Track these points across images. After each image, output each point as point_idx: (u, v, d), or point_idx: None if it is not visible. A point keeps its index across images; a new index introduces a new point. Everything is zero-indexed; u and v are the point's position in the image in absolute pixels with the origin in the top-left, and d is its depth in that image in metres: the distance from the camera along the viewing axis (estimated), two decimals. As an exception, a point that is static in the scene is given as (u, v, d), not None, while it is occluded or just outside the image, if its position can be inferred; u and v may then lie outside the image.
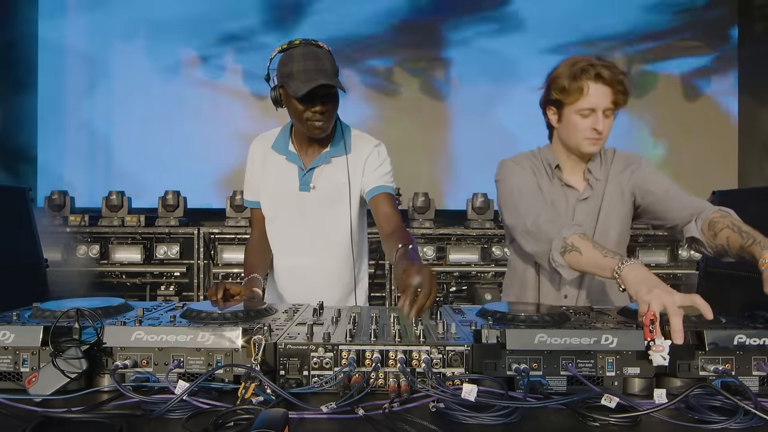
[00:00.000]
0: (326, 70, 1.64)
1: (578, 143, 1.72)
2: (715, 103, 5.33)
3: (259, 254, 1.94)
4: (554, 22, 5.27)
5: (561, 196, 1.80)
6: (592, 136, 1.69)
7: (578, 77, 1.66)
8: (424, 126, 5.30)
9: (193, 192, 4.84)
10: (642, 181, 1.76)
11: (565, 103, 1.70)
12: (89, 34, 5.24)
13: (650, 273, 1.25)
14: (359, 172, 1.85)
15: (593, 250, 1.42)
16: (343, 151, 1.84)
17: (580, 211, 1.78)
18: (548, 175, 1.82)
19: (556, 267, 1.53)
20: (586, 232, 1.52)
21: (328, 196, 1.85)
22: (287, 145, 1.87)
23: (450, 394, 0.96)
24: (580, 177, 1.81)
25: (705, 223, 1.56)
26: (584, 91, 1.66)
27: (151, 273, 4.51)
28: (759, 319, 1.23)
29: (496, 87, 5.29)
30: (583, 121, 1.68)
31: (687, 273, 4.44)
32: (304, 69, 1.62)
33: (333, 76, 1.66)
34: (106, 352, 1.10)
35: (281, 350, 1.07)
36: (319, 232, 1.87)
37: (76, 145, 5.24)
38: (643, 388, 1.10)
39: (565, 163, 1.81)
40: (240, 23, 5.24)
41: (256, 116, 5.17)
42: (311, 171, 1.84)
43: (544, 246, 1.57)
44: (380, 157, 1.87)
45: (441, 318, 1.27)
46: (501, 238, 4.65)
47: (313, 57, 1.64)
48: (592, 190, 1.79)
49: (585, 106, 1.67)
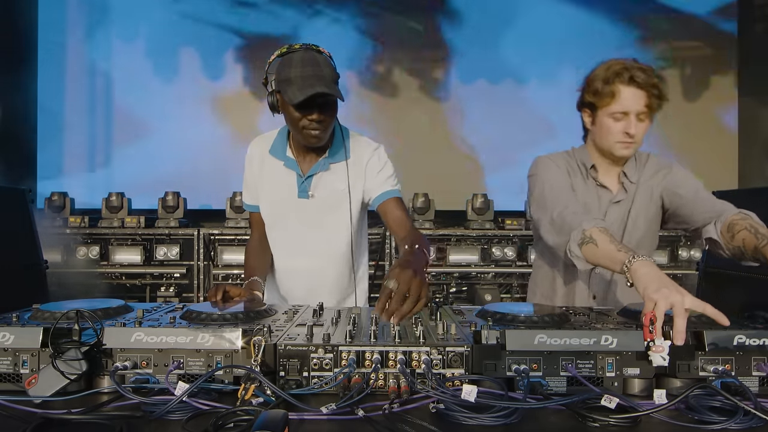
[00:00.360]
0: (325, 76, 1.60)
1: (611, 146, 1.72)
2: (715, 103, 5.33)
3: (259, 256, 1.94)
4: (555, 22, 5.27)
5: (594, 196, 1.79)
6: (625, 140, 1.68)
7: (612, 80, 1.65)
8: (423, 126, 5.30)
9: (193, 193, 4.84)
10: (672, 185, 1.76)
11: (598, 106, 1.70)
12: (89, 33, 5.24)
13: (661, 272, 1.24)
14: (360, 177, 1.83)
15: (609, 244, 1.41)
16: (343, 157, 1.81)
17: (611, 213, 1.79)
18: (582, 175, 1.81)
19: (572, 258, 1.52)
20: (607, 226, 1.50)
21: (328, 204, 1.83)
22: (285, 150, 1.84)
23: (450, 395, 0.96)
24: (614, 179, 1.81)
25: (724, 225, 1.55)
26: (617, 94, 1.65)
27: (151, 274, 4.51)
28: (759, 320, 1.23)
29: (497, 87, 5.29)
30: (616, 124, 1.68)
31: (687, 273, 4.44)
32: (301, 75, 1.58)
33: (332, 84, 1.62)
34: (105, 353, 1.09)
35: (281, 351, 1.07)
36: (318, 238, 1.86)
37: (76, 146, 5.23)
38: (643, 388, 1.10)
39: (600, 164, 1.81)
40: (241, 20, 5.24)
41: (256, 117, 5.17)
42: (310, 178, 1.81)
43: (564, 238, 1.55)
44: (381, 160, 1.84)
45: (441, 319, 1.27)
46: (501, 239, 4.66)
47: (312, 63, 1.60)
48: (626, 193, 1.79)
49: (618, 109, 1.66)
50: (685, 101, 5.33)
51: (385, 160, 1.85)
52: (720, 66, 5.32)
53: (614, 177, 1.82)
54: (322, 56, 1.64)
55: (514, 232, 4.57)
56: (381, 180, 1.83)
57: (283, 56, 1.64)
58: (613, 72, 1.66)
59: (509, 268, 4.57)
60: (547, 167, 1.79)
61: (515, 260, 4.55)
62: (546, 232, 1.66)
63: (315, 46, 1.66)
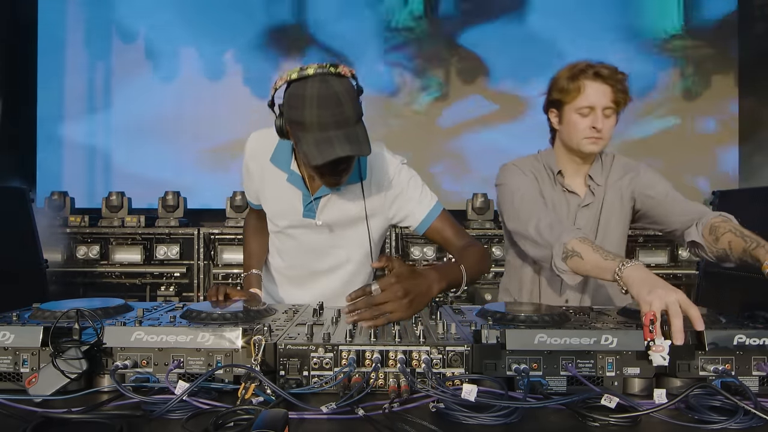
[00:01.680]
0: (348, 119, 1.32)
1: (578, 143, 1.72)
2: (715, 103, 5.33)
3: (258, 238, 1.87)
4: (556, 22, 5.27)
5: (563, 201, 1.80)
6: (592, 135, 1.69)
7: (577, 77, 1.67)
8: (423, 126, 5.30)
9: (193, 192, 4.84)
10: (641, 186, 1.76)
11: (564, 102, 1.71)
12: (88, 34, 5.24)
13: (651, 273, 1.25)
14: (381, 201, 1.61)
15: (594, 254, 1.42)
16: (357, 178, 1.55)
17: (581, 217, 1.79)
18: (550, 179, 1.82)
19: (559, 274, 1.53)
20: (585, 235, 1.51)
21: (338, 228, 1.64)
22: (289, 161, 1.59)
23: (450, 395, 0.96)
24: (581, 182, 1.81)
25: (706, 227, 1.56)
26: (582, 89, 1.67)
27: (151, 273, 4.51)
28: (759, 319, 1.23)
29: (497, 87, 5.29)
30: (583, 120, 1.69)
31: (687, 273, 4.44)
32: (318, 122, 1.30)
33: (354, 127, 1.34)
34: (106, 352, 1.10)
35: (281, 350, 1.08)
36: (323, 266, 1.71)
37: (76, 146, 5.23)
38: (643, 388, 1.10)
39: (566, 168, 1.81)
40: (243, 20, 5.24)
41: (256, 117, 5.17)
42: (317, 200, 1.59)
43: (545, 252, 1.57)
44: (407, 179, 1.61)
45: (441, 318, 1.27)
46: (501, 239, 4.65)
47: (332, 102, 1.30)
48: (594, 196, 1.79)
49: (584, 104, 1.67)
50: (685, 101, 5.32)
51: (410, 175, 1.63)
52: (720, 66, 5.32)
53: (581, 180, 1.82)
54: (342, 84, 1.33)
55: (514, 231, 4.56)
56: (416, 202, 1.61)
57: (294, 83, 1.34)
58: (578, 69, 1.68)
59: (509, 268, 4.56)
60: (513, 175, 1.79)
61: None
62: (525, 245, 1.67)
63: (333, 67, 1.34)
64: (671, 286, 1.17)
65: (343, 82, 1.34)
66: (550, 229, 1.57)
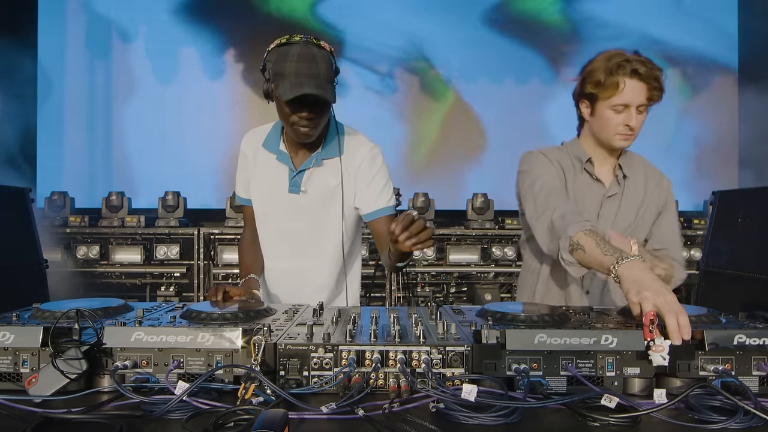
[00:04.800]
0: (320, 74, 1.55)
1: (610, 138, 1.72)
2: (715, 102, 5.33)
3: (252, 253, 1.92)
4: (556, 22, 5.27)
5: (587, 191, 1.79)
6: (625, 132, 1.69)
7: (614, 72, 1.65)
8: (424, 126, 5.30)
9: (193, 192, 4.84)
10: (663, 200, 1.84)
11: (599, 97, 1.69)
12: (88, 34, 5.24)
13: (646, 272, 1.24)
14: (351, 178, 1.78)
15: (595, 248, 1.41)
16: (336, 153, 1.76)
17: (606, 207, 1.79)
18: (576, 169, 1.81)
19: (565, 266, 1.53)
20: (594, 227, 1.50)
21: (319, 200, 1.79)
22: (278, 143, 1.81)
23: (450, 395, 0.96)
24: (608, 172, 1.82)
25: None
26: (620, 86, 1.65)
27: (151, 273, 4.51)
28: (759, 319, 1.23)
29: (497, 87, 5.29)
30: (617, 116, 1.69)
31: (687, 273, 4.43)
32: (295, 71, 1.53)
33: (325, 83, 1.57)
34: (106, 352, 1.09)
35: (281, 351, 1.07)
36: (307, 235, 1.83)
37: (76, 146, 5.24)
38: (643, 388, 1.10)
39: (595, 156, 1.81)
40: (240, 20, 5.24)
41: (257, 116, 5.17)
42: (301, 173, 1.78)
43: (556, 244, 1.57)
44: (374, 165, 1.78)
45: (441, 318, 1.27)
46: (501, 239, 4.66)
47: (309, 59, 1.54)
48: (619, 186, 1.80)
49: (619, 102, 1.67)
50: (685, 101, 5.33)
51: (379, 165, 1.79)
52: (720, 66, 5.32)
53: (609, 170, 1.82)
54: (321, 52, 1.58)
55: (515, 231, 4.56)
56: (373, 194, 1.78)
57: (281, 47, 1.59)
58: (615, 64, 1.65)
59: (509, 268, 4.57)
60: (538, 163, 1.77)
61: (515, 260, 4.55)
62: (539, 238, 1.67)
63: (316, 39, 1.60)
64: (663, 286, 1.17)
65: (323, 52, 1.59)
66: (561, 220, 1.56)
